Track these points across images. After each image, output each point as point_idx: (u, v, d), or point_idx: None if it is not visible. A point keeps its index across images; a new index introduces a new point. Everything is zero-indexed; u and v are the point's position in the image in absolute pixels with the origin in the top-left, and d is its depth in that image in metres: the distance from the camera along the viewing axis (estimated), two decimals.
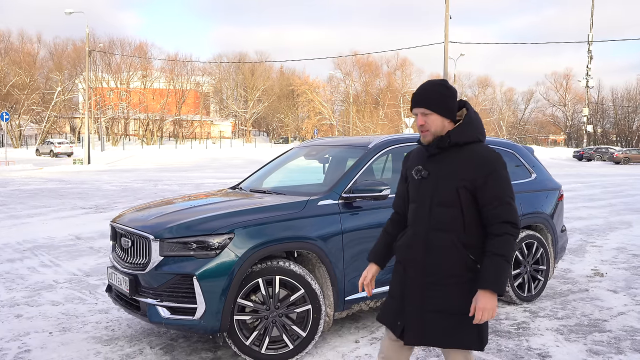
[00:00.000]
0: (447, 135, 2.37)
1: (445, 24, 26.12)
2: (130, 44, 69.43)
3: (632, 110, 76.45)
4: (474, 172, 2.32)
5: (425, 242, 2.37)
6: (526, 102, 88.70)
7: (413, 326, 2.36)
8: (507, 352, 3.94)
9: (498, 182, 2.31)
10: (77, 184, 18.86)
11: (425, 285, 2.36)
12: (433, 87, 2.40)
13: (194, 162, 38.27)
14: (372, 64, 77.39)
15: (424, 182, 2.42)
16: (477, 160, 2.34)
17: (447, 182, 2.35)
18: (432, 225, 2.37)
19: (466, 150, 2.37)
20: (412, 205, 2.48)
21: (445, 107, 2.38)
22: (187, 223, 3.71)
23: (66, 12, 33.09)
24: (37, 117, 58.84)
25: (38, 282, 5.86)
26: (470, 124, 2.40)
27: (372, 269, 2.63)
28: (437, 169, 2.39)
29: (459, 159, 2.36)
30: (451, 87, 2.42)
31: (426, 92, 2.40)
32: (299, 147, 5.65)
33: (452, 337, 2.33)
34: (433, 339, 2.35)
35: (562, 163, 42.76)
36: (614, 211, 12.15)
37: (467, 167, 2.34)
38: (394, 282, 2.51)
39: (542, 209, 5.32)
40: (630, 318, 4.73)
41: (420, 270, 2.37)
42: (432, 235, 2.36)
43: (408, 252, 2.42)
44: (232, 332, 3.63)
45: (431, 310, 2.34)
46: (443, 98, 2.38)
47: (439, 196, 2.36)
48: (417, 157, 2.51)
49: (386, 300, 2.57)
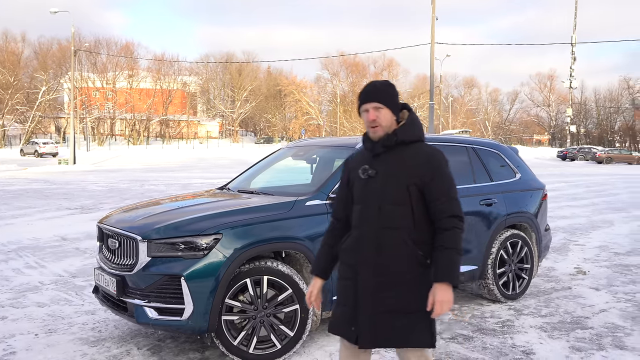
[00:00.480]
0: (393, 134, 2.42)
1: (431, 25, 26.27)
2: (116, 43, 69.02)
3: (614, 110, 77.53)
4: (423, 169, 2.37)
5: (375, 242, 2.38)
6: (511, 102, 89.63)
7: (367, 329, 2.36)
8: (492, 350, 4.00)
9: (444, 179, 2.39)
10: (63, 184, 18.69)
11: (377, 286, 2.36)
12: (382, 84, 2.48)
13: (180, 162, 38.08)
14: (359, 64, 77.65)
15: (371, 182, 2.43)
16: (425, 157, 2.40)
17: (397, 180, 2.39)
18: (382, 224, 2.38)
19: (412, 148, 2.43)
20: (357, 207, 2.48)
21: (394, 104, 2.44)
22: (175, 224, 3.72)
23: (51, 12, 32.72)
24: (21, 117, 58.16)
25: (23, 283, 5.82)
26: (413, 123, 2.48)
27: (317, 284, 2.61)
28: (385, 167, 2.42)
29: (407, 157, 2.41)
30: (396, 88, 2.49)
31: (377, 89, 2.46)
32: (286, 147, 5.67)
33: (405, 336, 2.35)
34: (387, 340, 2.37)
35: (546, 163, 43.22)
36: (597, 210, 12.33)
37: (415, 164, 2.39)
38: (343, 289, 2.49)
39: (527, 208, 5.40)
40: (611, 315, 4.81)
41: (372, 270, 2.37)
42: (381, 234, 2.38)
43: (358, 254, 2.42)
44: (220, 332, 3.64)
45: (383, 311, 2.35)
46: (392, 95, 2.45)
47: (389, 194, 2.38)
48: (361, 159, 2.53)
49: (335, 310, 2.54)
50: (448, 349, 3.99)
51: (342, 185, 2.63)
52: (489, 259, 5.01)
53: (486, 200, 5.01)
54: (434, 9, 26.18)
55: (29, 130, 56.53)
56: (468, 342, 4.15)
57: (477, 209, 4.95)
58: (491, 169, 5.29)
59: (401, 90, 77.22)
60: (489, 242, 5.00)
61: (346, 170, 2.62)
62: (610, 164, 43.16)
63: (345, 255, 2.50)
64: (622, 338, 4.25)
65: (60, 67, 63.30)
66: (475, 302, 5.20)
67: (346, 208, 2.57)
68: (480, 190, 5.05)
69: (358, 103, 2.49)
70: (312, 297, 2.60)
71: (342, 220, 2.60)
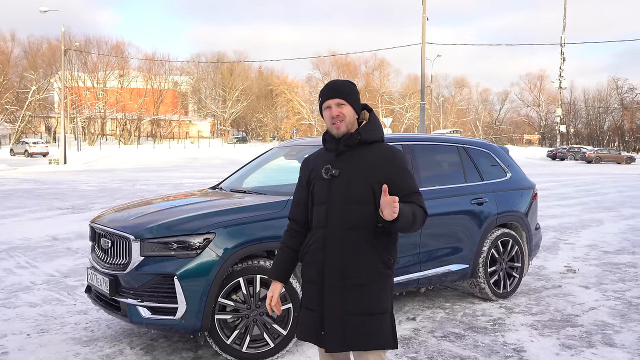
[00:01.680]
0: (356, 133, 2.42)
1: (422, 25, 26.36)
2: (106, 42, 68.51)
3: (603, 110, 78.16)
4: (388, 167, 2.37)
5: (341, 242, 2.35)
6: (501, 102, 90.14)
7: (333, 332, 2.33)
8: (484, 348, 4.04)
9: (408, 176, 2.41)
10: (53, 184, 18.57)
11: (343, 288, 2.33)
12: (345, 82, 2.48)
13: (172, 162, 37.94)
14: (350, 64, 77.74)
15: (335, 181, 2.39)
16: (389, 156, 2.40)
17: (361, 180, 2.36)
18: (347, 224, 2.35)
19: (374, 148, 2.43)
20: (320, 208, 2.42)
21: (356, 102, 2.44)
22: (168, 223, 3.72)
23: (41, 11, 32.45)
24: (11, 117, 57.65)
25: (15, 283, 5.79)
26: (375, 123, 2.48)
27: (277, 288, 2.53)
28: (348, 167, 2.39)
29: (370, 156, 2.40)
30: (357, 88, 2.50)
31: (340, 86, 2.45)
32: (278, 147, 5.68)
33: (370, 338, 2.32)
34: (353, 343, 2.32)
35: (537, 162, 43.51)
36: (586, 209, 12.44)
37: (380, 163, 2.38)
38: (308, 293, 2.45)
39: (517, 207, 5.44)
40: (601, 313, 4.87)
41: (338, 272, 2.34)
42: (347, 234, 2.34)
43: (325, 255, 2.37)
44: (213, 331, 3.65)
45: (349, 313, 2.32)
46: (355, 93, 2.45)
47: (353, 194, 2.36)
48: (322, 159, 2.49)
49: (301, 315, 2.48)
50: (440, 347, 4.03)
51: (300, 186, 2.57)
52: (480, 258, 5.05)
53: (477, 200, 5.06)
54: (424, 9, 26.26)
55: (18, 129, 56.05)
56: (460, 340, 4.19)
57: (468, 208, 4.99)
58: (482, 168, 5.34)
59: (392, 90, 77.56)
60: (480, 241, 5.04)
61: (306, 171, 2.55)
62: (600, 163, 43.52)
63: (310, 257, 2.44)
64: (611, 335, 4.30)
65: (50, 67, 62.78)
66: (466, 300, 5.24)
67: (305, 210, 2.52)
68: (471, 189, 5.09)
69: (320, 101, 2.44)
70: (273, 302, 2.51)
71: (300, 223, 2.55)
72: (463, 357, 3.85)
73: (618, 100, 77.55)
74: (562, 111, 62.34)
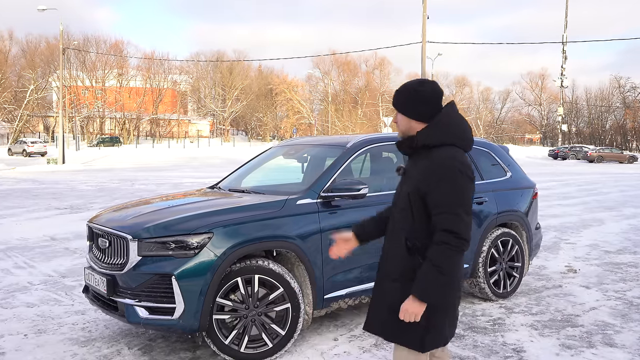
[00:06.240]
0: (414, 137, 2.41)
1: (422, 23, 26.33)
2: (105, 41, 68.56)
3: (605, 109, 78.09)
4: (426, 176, 2.30)
5: (388, 238, 2.53)
6: (503, 101, 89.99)
7: (368, 315, 2.55)
8: (483, 348, 4.01)
9: (446, 190, 2.25)
10: (52, 184, 18.54)
11: (383, 279, 2.50)
12: (404, 88, 2.45)
13: (171, 161, 37.90)
14: (350, 63, 77.72)
15: (400, 181, 2.55)
16: (432, 165, 2.31)
17: (407, 184, 2.43)
18: (394, 224, 2.49)
19: (432, 153, 2.34)
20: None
21: (408, 109, 2.41)
22: (166, 223, 3.70)
23: (39, 9, 32.37)
24: (9, 116, 57.65)
25: (12, 283, 5.76)
26: (437, 126, 2.36)
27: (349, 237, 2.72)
28: (408, 170, 2.50)
29: (422, 162, 2.36)
30: (421, 91, 2.38)
31: (398, 93, 2.47)
32: (278, 146, 5.66)
33: (393, 331, 2.41)
34: (378, 329, 2.49)
35: (538, 162, 43.50)
36: (587, 209, 12.42)
37: (422, 170, 2.34)
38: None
39: (517, 207, 5.42)
40: (601, 313, 4.85)
41: (382, 265, 2.54)
42: (391, 233, 2.50)
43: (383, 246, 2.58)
44: (211, 331, 3.63)
45: (382, 302, 2.46)
46: (408, 101, 2.41)
47: (401, 197, 2.47)
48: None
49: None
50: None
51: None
52: (480, 258, 5.02)
53: (477, 199, 5.03)
54: (425, 8, 26.24)
55: (17, 129, 56.05)
56: (459, 340, 4.16)
57: None
58: (482, 167, 5.31)
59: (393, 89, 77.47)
60: (480, 241, 5.02)
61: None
62: (602, 162, 43.51)
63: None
64: (612, 336, 4.28)
65: (48, 66, 62.70)
66: (466, 300, 5.22)
67: None
68: None
69: None
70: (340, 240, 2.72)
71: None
72: (462, 357, 3.83)
73: (620, 99, 77.38)
74: (563, 110, 62.38)
